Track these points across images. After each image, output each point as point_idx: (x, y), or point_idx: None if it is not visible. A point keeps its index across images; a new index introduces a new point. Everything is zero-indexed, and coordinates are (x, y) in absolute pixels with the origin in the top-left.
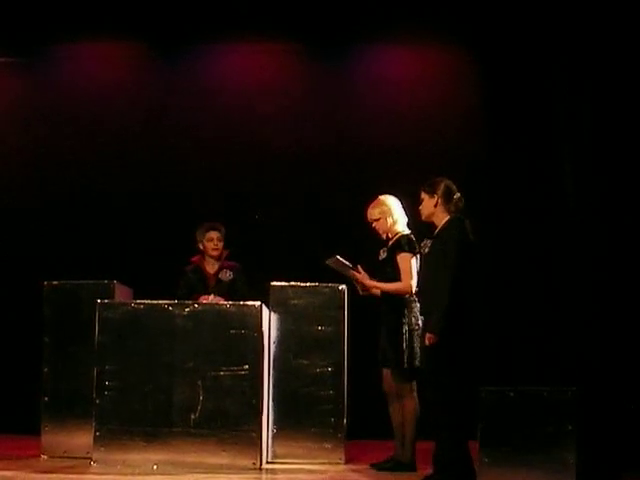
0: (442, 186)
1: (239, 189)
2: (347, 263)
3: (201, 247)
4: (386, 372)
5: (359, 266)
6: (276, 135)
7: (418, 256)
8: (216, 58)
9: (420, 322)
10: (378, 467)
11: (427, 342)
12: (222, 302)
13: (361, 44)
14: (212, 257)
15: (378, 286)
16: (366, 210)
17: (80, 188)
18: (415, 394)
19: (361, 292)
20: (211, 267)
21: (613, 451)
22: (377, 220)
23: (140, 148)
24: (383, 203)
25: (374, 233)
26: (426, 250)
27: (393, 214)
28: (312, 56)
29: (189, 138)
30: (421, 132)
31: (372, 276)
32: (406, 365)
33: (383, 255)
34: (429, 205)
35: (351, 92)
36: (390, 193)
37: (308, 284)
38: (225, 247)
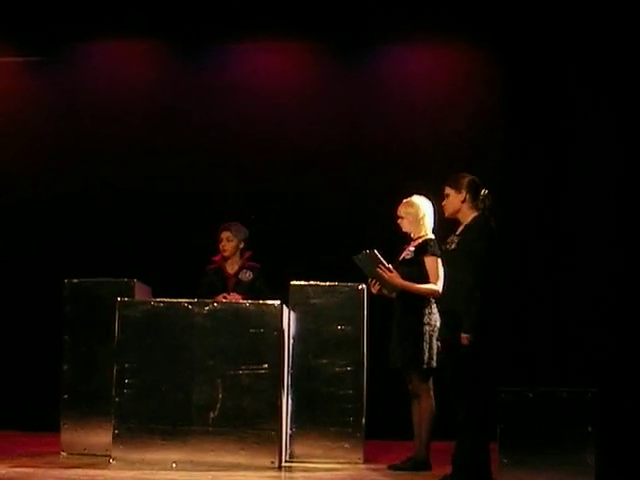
0: (469, 182)
1: (259, 188)
2: (382, 259)
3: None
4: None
5: (390, 265)
6: (295, 134)
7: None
8: (235, 57)
9: (438, 322)
10: (395, 468)
11: (463, 342)
12: (242, 301)
13: (381, 43)
14: (224, 257)
15: (410, 286)
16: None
17: (99, 186)
18: (432, 393)
19: (375, 291)
20: (231, 267)
21: (632, 453)
22: (401, 218)
23: (160, 147)
24: (412, 204)
25: (398, 228)
26: (453, 246)
27: (420, 217)
28: (332, 55)
29: (209, 137)
30: (440, 131)
31: None
32: (425, 365)
33: (409, 255)
34: (456, 201)
35: (372, 91)
36: (410, 192)
37: (328, 283)
38: (247, 248)
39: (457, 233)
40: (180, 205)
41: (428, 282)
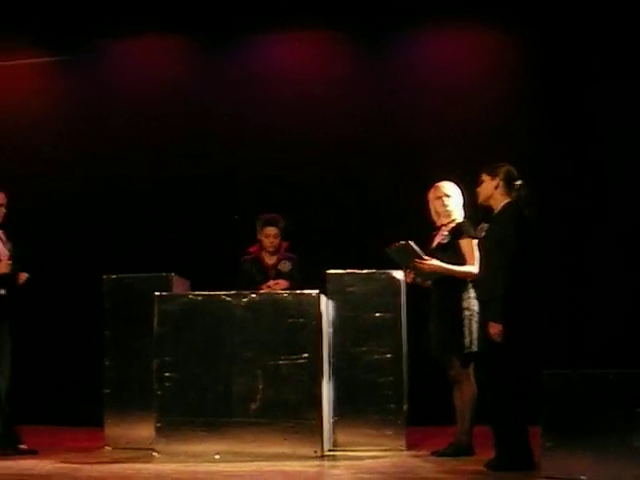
0: (504, 170)
1: (294, 178)
2: (418, 250)
3: (260, 238)
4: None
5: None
6: (325, 124)
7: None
8: (263, 48)
9: (477, 307)
10: (438, 454)
11: (491, 331)
12: (279, 291)
13: (409, 29)
14: (269, 252)
15: (449, 269)
16: (431, 188)
17: (136, 181)
18: (473, 379)
19: (409, 280)
20: (269, 258)
21: None
22: (448, 197)
23: (194, 141)
24: (453, 185)
25: (428, 213)
26: (483, 234)
27: (458, 198)
28: (358, 43)
29: (238, 130)
30: (470, 117)
31: None
32: (466, 350)
33: (444, 240)
34: (489, 187)
35: (403, 78)
36: (440, 179)
37: (365, 271)
38: (284, 239)
39: (488, 221)
40: (215, 198)
41: (465, 265)
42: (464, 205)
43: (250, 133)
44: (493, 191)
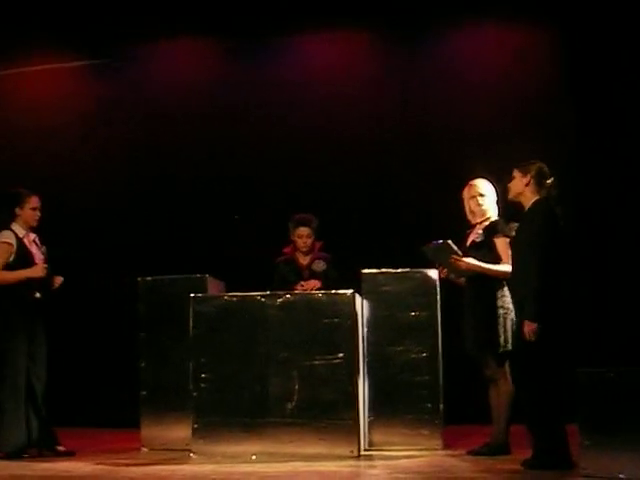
0: (536, 167)
1: (327, 178)
2: (455, 248)
3: (293, 239)
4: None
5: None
6: (360, 123)
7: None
8: (292, 50)
9: (511, 305)
10: (475, 453)
11: (526, 330)
12: (314, 291)
13: (439, 29)
14: (302, 252)
15: (485, 268)
16: (465, 187)
17: (170, 184)
18: (509, 377)
19: (443, 276)
20: (303, 258)
21: None
22: (483, 196)
23: (226, 143)
24: (488, 183)
25: (463, 210)
26: (513, 233)
27: (493, 197)
28: (389, 43)
29: (271, 131)
30: (503, 117)
31: None
32: (502, 349)
33: (478, 238)
34: (520, 183)
35: (431, 77)
36: (475, 177)
37: (399, 270)
38: (318, 239)
39: (519, 220)
40: (250, 198)
41: (499, 264)
42: (497, 203)
43: (281, 134)
44: (523, 188)
